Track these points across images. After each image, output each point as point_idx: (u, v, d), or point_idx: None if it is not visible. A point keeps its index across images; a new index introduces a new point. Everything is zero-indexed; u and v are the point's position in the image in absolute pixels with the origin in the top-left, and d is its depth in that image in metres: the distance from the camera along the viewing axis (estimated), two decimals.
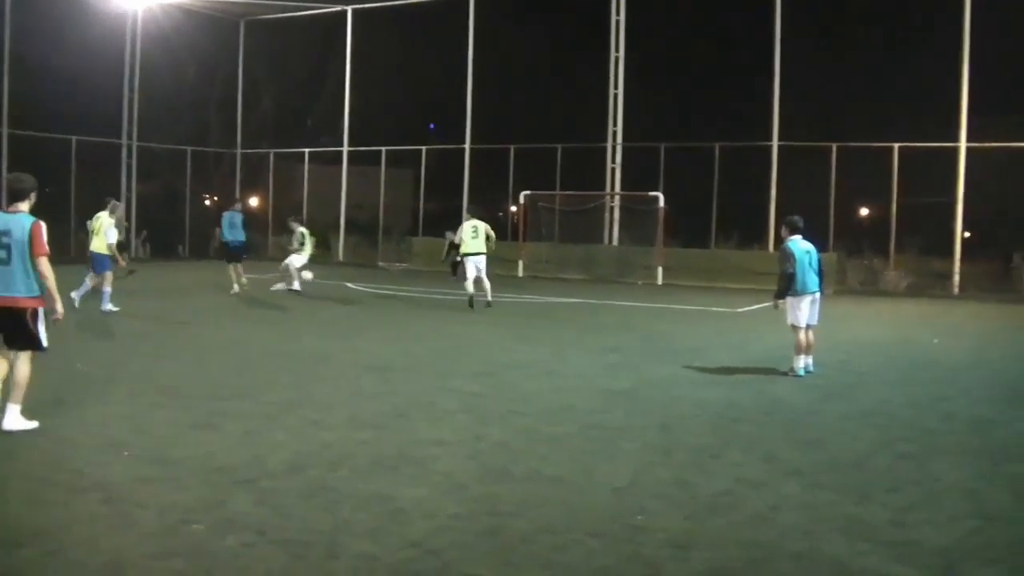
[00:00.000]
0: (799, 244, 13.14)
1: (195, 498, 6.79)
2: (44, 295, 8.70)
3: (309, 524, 6.34)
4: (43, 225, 8.63)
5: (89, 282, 18.46)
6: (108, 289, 18.41)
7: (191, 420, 9.28)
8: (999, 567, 5.93)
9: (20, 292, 8.52)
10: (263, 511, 6.56)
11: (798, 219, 13.42)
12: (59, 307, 8.81)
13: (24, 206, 8.72)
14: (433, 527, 6.33)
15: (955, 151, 29.14)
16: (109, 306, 18.24)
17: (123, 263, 19.34)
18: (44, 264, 8.55)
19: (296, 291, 23.40)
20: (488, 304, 21.13)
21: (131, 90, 38.48)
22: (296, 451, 8.18)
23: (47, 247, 8.62)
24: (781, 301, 13.14)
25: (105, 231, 18.40)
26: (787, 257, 13.03)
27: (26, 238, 8.49)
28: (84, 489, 6.96)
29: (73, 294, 17.88)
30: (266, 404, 10.15)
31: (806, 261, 13.06)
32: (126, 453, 7.99)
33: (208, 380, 11.61)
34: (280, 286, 23.91)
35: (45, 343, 8.73)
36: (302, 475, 7.47)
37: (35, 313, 8.61)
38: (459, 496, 7.03)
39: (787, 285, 13.03)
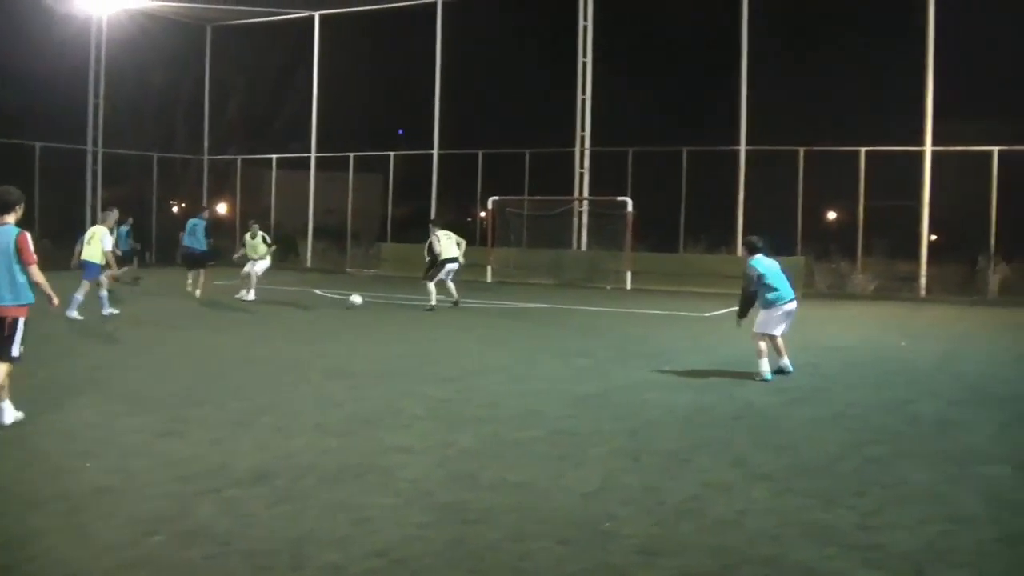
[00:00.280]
0: (763, 262, 13.26)
1: (158, 508, 6.70)
2: (28, 304, 9.06)
3: (274, 534, 6.26)
4: (28, 235, 9.06)
5: (79, 295, 18.31)
6: (79, 297, 18.29)
7: (156, 428, 9.18)
8: (966, 570, 5.93)
9: (6, 301, 8.91)
10: (227, 521, 6.48)
11: (755, 239, 13.54)
12: (55, 299, 9.35)
13: (11, 218, 9.08)
14: (400, 536, 6.27)
15: (921, 155, 29.34)
16: (74, 312, 18.03)
17: (114, 270, 19.22)
18: (35, 272, 8.98)
19: (251, 300, 23.41)
20: (455, 303, 22.17)
21: (96, 96, 38.16)
22: (262, 459, 8.10)
23: (35, 255, 9.02)
24: (743, 320, 13.31)
25: (101, 239, 18.53)
26: (748, 277, 13.19)
27: (12, 249, 8.89)
28: (44, 501, 6.85)
29: (69, 313, 17.82)
30: (232, 411, 10.07)
31: (775, 271, 13.20)
32: (88, 464, 7.88)
33: (174, 387, 11.50)
34: (246, 294, 23.81)
35: (16, 353, 9.05)
36: (268, 484, 7.39)
37: (14, 323, 8.96)
38: (426, 504, 6.97)
39: (748, 303, 13.21)
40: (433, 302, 21.80)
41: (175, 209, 44.08)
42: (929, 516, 6.93)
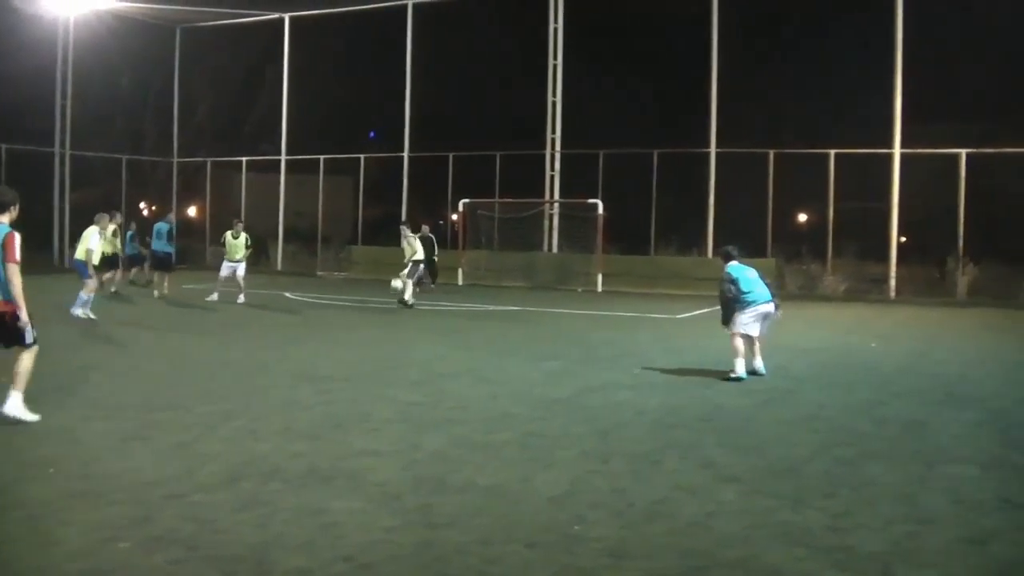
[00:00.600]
0: (737, 268, 13.51)
1: (123, 514, 6.61)
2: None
3: (240, 539, 6.20)
4: (17, 235, 9.25)
5: (84, 293, 18.79)
6: (84, 296, 18.72)
7: (122, 433, 9.09)
8: (932, 570, 5.93)
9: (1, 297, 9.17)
10: (193, 526, 6.40)
11: (730, 248, 13.91)
12: (23, 315, 9.26)
13: (4, 218, 9.35)
14: (367, 540, 6.22)
15: (889, 157, 29.52)
16: (79, 311, 18.59)
17: (94, 274, 19.23)
18: (12, 271, 9.13)
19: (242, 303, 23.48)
20: (411, 306, 22.68)
21: (64, 97, 37.87)
22: (229, 463, 8.02)
23: (18, 256, 9.18)
24: (729, 326, 13.45)
25: (89, 238, 19.01)
26: (723, 282, 13.45)
27: (1, 247, 9.12)
28: (5, 508, 6.76)
29: (76, 311, 18.58)
30: (200, 415, 9.98)
31: (748, 276, 13.41)
32: (51, 469, 7.78)
33: (141, 391, 11.40)
34: (230, 298, 23.88)
35: (29, 339, 9.37)
36: (234, 488, 7.32)
37: (15, 315, 9.23)
38: (394, 508, 6.92)
39: (728, 308, 13.38)
40: (408, 296, 22.20)
41: (145, 213, 43.80)
42: (897, 516, 6.94)
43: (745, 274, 13.43)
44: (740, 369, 13.00)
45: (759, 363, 13.40)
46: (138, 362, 13.98)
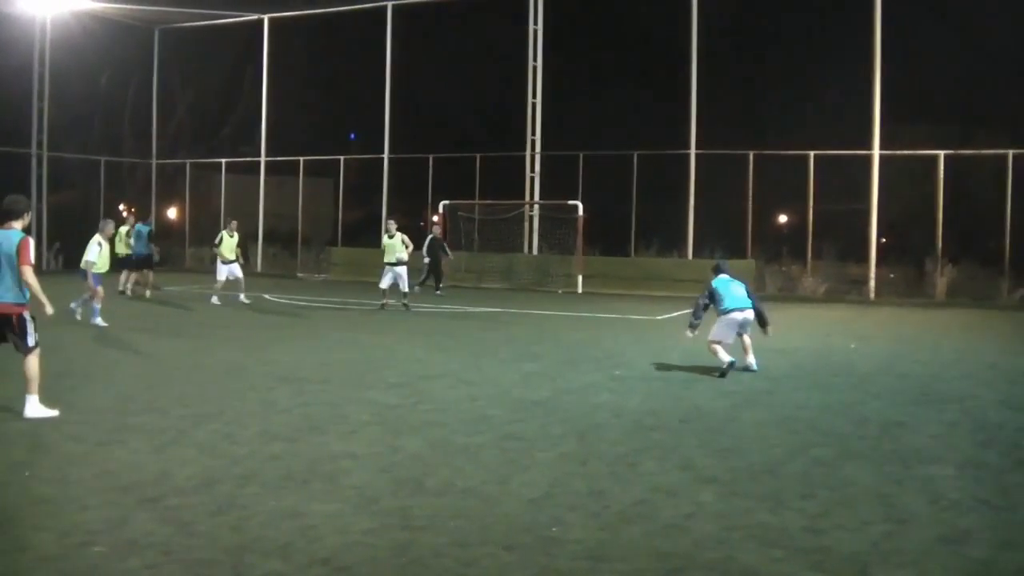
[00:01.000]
0: (721, 281, 14.11)
1: (97, 518, 6.57)
2: (29, 302, 9.80)
3: (216, 542, 6.16)
4: (31, 240, 9.83)
5: (96, 303, 18.95)
6: (96, 304, 18.86)
7: (97, 437, 9.03)
8: (909, 570, 5.94)
9: (9, 299, 9.65)
10: (168, 530, 6.37)
11: (721, 263, 14.75)
12: (47, 308, 10.00)
13: (18, 224, 9.85)
14: (343, 543, 6.20)
15: (869, 158, 29.62)
16: (98, 320, 18.73)
17: (90, 284, 19.06)
18: (27, 272, 9.63)
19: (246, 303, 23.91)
20: (384, 307, 22.97)
21: (41, 99, 37.60)
22: (205, 467, 7.99)
23: (31, 259, 9.73)
24: (691, 332, 14.15)
25: (88, 250, 19.17)
26: (704, 291, 14.18)
27: (14, 251, 9.59)
28: None
29: (96, 320, 18.75)
30: (177, 418, 9.93)
31: (727, 288, 13.95)
32: (27, 473, 7.73)
33: (117, 394, 11.34)
34: (220, 298, 23.89)
35: (31, 342, 9.81)
36: (210, 491, 7.28)
37: (21, 318, 9.73)
38: (371, 510, 6.90)
39: (695, 313, 14.07)
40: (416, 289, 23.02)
41: (124, 215, 43.50)
42: (874, 517, 6.96)
43: (729, 288, 13.95)
44: (725, 357, 13.48)
45: (751, 360, 13.98)
46: (116, 365, 13.91)
